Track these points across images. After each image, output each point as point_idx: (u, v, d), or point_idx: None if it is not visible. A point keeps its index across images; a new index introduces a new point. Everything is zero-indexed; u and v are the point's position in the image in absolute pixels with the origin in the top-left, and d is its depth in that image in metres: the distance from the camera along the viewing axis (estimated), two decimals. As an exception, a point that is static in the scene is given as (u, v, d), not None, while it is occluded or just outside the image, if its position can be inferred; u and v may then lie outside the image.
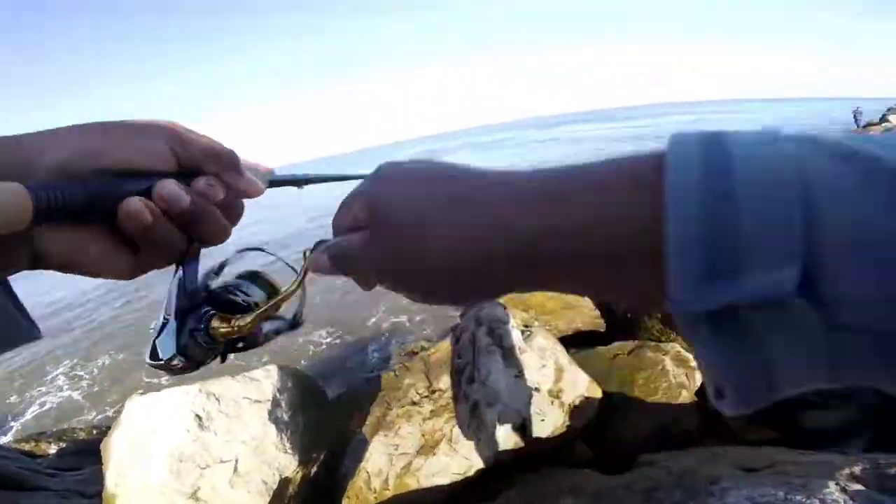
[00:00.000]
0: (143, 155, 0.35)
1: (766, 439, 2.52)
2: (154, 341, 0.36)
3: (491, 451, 2.30)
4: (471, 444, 2.33)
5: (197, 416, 2.54)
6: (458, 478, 2.29)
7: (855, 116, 19.98)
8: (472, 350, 2.54)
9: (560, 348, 2.69)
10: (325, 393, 3.17)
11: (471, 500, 2.25)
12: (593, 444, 2.64)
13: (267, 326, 0.42)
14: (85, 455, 3.93)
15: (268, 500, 2.38)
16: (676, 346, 3.11)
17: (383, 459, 2.41)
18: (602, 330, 4.11)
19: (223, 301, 0.39)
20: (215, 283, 0.41)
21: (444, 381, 2.54)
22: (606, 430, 2.70)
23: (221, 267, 0.42)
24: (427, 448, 2.38)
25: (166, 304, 0.37)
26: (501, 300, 4.24)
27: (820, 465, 1.75)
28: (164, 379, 7.58)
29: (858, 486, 1.52)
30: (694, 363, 2.95)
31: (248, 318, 0.38)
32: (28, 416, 7.38)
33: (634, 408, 2.80)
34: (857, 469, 1.66)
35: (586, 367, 2.93)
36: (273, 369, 2.82)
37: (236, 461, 2.43)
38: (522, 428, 2.37)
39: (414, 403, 2.53)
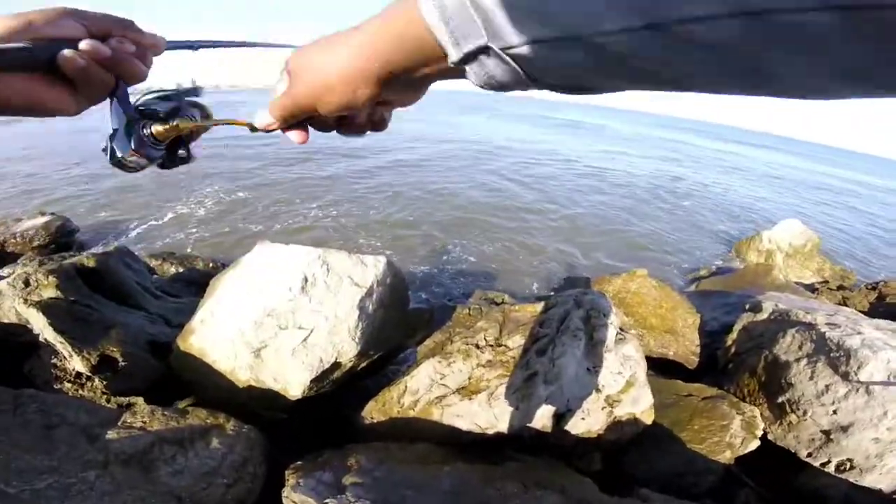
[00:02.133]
0: (62, 29, 0.45)
1: None
2: (111, 144, 0.48)
3: (521, 423, 2.30)
4: (507, 408, 2.33)
5: (305, 277, 2.59)
6: (478, 430, 2.32)
7: None
8: (558, 326, 2.47)
9: (643, 365, 2.50)
10: (409, 300, 3.26)
11: (477, 455, 2.27)
12: (611, 460, 2.56)
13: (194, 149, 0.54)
14: (194, 286, 4.23)
15: (313, 376, 2.46)
16: (756, 412, 2.82)
17: (425, 382, 2.49)
18: (691, 367, 3.76)
19: (160, 112, 0.50)
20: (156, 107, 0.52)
21: (515, 341, 2.53)
22: (631, 453, 2.61)
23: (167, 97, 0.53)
24: (468, 391, 2.42)
25: (110, 122, 0.48)
26: (608, 296, 4.03)
27: None
28: (303, 231, 8.63)
29: None
30: (760, 432, 2.71)
31: (188, 123, 0.50)
32: (166, 233, 8.29)
33: (670, 447, 2.67)
34: None
35: (655, 393, 2.73)
36: (382, 261, 2.82)
37: (311, 332, 2.49)
38: (561, 416, 2.33)
39: (478, 346, 2.57)
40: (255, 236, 7.95)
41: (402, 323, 3.06)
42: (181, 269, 5.13)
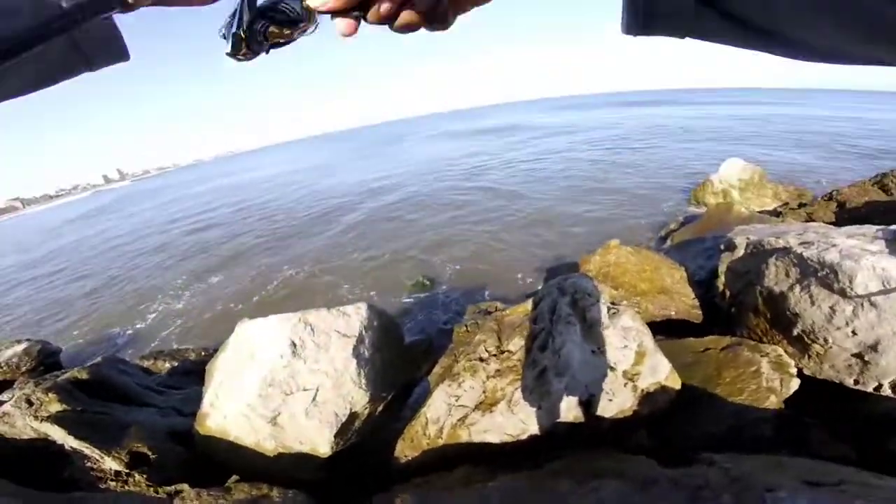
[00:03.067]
0: None
1: (844, 456, 2.23)
2: (232, 36, 0.50)
3: (549, 420, 2.24)
4: (529, 409, 2.29)
5: (293, 342, 2.69)
6: (510, 439, 2.27)
7: None
8: (550, 318, 2.44)
9: (647, 331, 2.48)
10: (403, 336, 3.26)
11: (518, 463, 2.22)
12: (657, 433, 2.48)
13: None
14: (192, 375, 4.44)
15: (334, 431, 2.51)
16: (779, 350, 2.77)
17: (443, 408, 2.45)
18: (698, 321, 3.74)
19: (276, 16, 0.52)
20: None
21: (515, 344, 2.49)
22: (675, 421, 2.53)
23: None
24: (486, 405, 2.38)
25: (238, 15, 0.50)
26: (592, 274, 4.04)
27: (890, 491, 1.56)
28: (277, 301, 8.47)
29: None
30: (793, 369, 2.63)
31: (296, 32, 0.52)
32: (152, 334, 8.41)
33: (711, 404, 2.60)
34: None
35: (672, 357, 2.70)
36: (363, 307, 2.90)
37: (317, 391, 2.58)
38: (588, 403, 2.27)
39: (481, 360, 2.52)
40: (238, 314, 7.89)
41: (404, 359, 3.05)
42: (175, 364, 5.34)
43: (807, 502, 1.46)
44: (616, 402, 2.29)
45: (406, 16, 0.48)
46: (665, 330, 3.56)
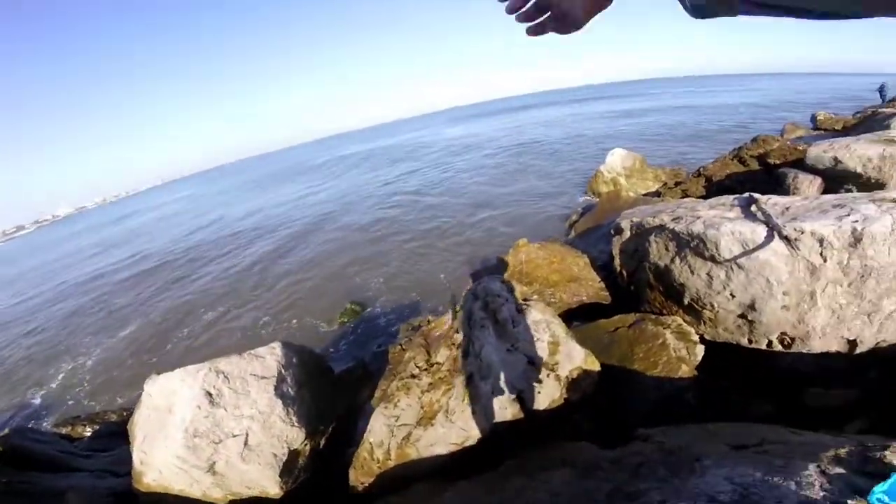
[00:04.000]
0: None
1: (766, 414, 2.49)
2: None
3: (487, 422, 2.32)
4: (467, 416, 2.36)
5: (208, 392, 2.66)
6: (456, 448, 2.32)
7: (881, 92, 19.03)
8: (468, 324, 2.55)
9: (556, 321, 2.67)
10: (331, 368, 3.23)
11: (471, 468, 2.28)
12: (593, 417, 2.63)
13: None
14: (117, 436, 4.23)
15: (278, 471, 2.50)
16: (678, 320, 3.05)
17: (384, 431, 2.46)
18: (607, 302, 4.05)
19: None
20: None
21: (443, 355, 2.56)
22: (606, 402, 2.69)
23: None
24: (426, 419, 2.42)
25: None
26: (506, 275, 4.24)
27: (807, 446, 1.75)
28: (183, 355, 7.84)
29: (840, 469, 1.51)
30: (695, 337, 2.94)
31: None
32: (63, 399, 7.65)
33: (634, 381, 2.77)
34: (843, 451, 1.64)
35: (587, 340, 2.90)
36: (277, 346, 2.90)
37: (246, 435, 2.55)
38: (521, 400, 2.38)
39: (413, 376, 2.56)
40: (153, 366, 7.46)
41: (336, 388, 3.03)
42: (96, 427, 5.14)
43: (730, 466, 1.61)
44: (545, 393, 2.42)
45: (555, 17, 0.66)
46: (580, 315, 3.83)
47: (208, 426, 2.55)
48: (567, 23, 0.65)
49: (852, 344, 2.64)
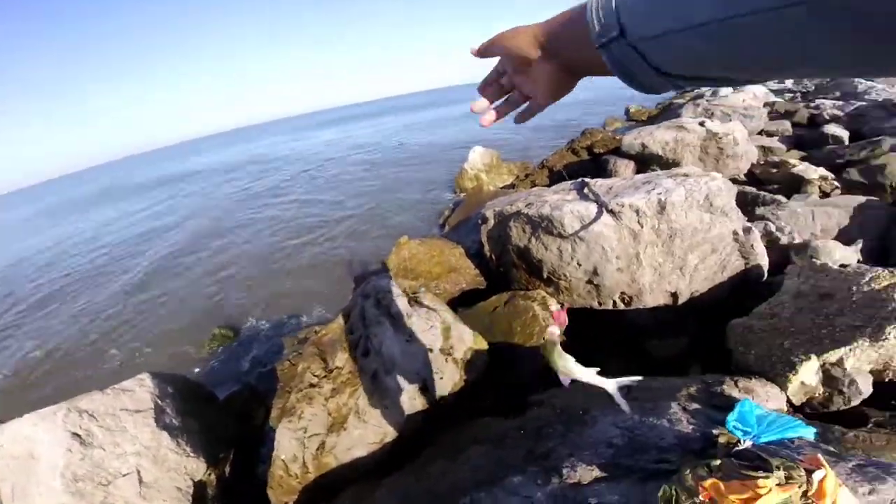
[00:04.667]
0: None
1: (626, 367, 2.88)
2: None
3: (401, 415, 2.44)
4: (380, 414, 2.44)
5: (75, 434, 2.36)
6: (376, 447, 2.40)
7: None
8: (362, 324, 2.64)
9: (444, 307, 2.91)
10: (214, 393, 3.03)
11: (395, 463, 2.37)
12: (492, 393, 2.86)
13: None
14: None
15: None
16: (542, 293, 3.53)
17: (293, 445, 2.42)
18: (483, 287, 4.44)
19: None
20: None
21: (341, 358, 2.61)
22: (500, 377, 2.96)
23: None
24: (337, 425, 2.44)
25: None
26: (391, 272, 4.39)
27: (665, 390, 2.14)
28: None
29: (696, 405, 1.93)
30: (556, 305, 3.44)
31: None
32: None
33: (518, 354, 3.10)
34: (693, 390, 2.10)
35: (473, 323, 3.16)
36: (146, 377, 2.67)
37: (138, 472, 2.33)
38: (425, 389, 2.53)
39: (312, 385, 2.56)
40: (10, 412, 5.89)
41: (224, 414, 2.87)
42: None
43: (613, 414, 1.92)
44: (447, 377, 2.61)
45: (523, 89, 0.72)
46: (464, 302, 4.13)
47: (88, 468, 2.28)
48: (531, 109, 0.74)
49: (674, 296, 3.33)
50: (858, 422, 2.17)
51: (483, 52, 0.69)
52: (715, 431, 1.63)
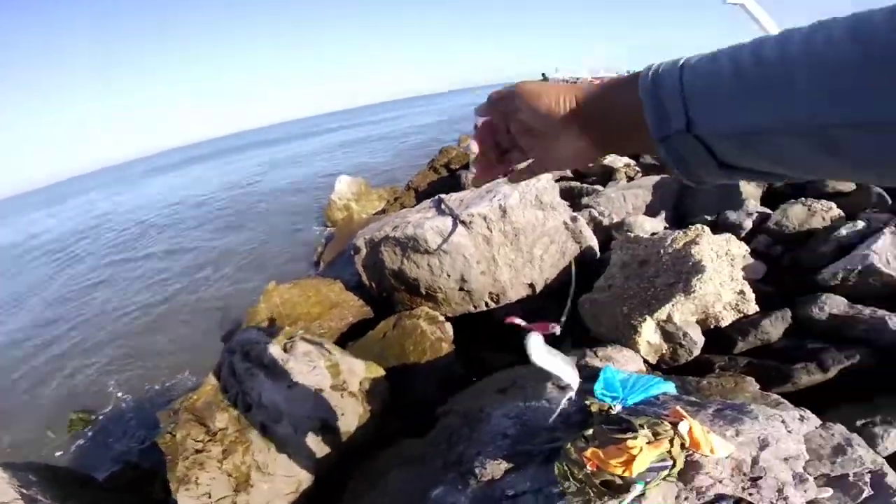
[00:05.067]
0: None
1: (510, 362, 3.01)
2: None
3: (309, 459, 2.38)
4: (286, 463, 2.36)
5: None
6: (294, 496, 2.33)
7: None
8: (234, 380, 2.54)
9: (328, 344, 2.92)
10: (91, 476, 2.66)
11: (320, 501, 2.32)
12: (400, 415, 2.91)
13: None
14: None
15: None
16: (425, 308, 3.71)
17: (200, 513, 2.22)
18: (371, 316, 4.39)
19: None
20: None
21: (222, 419, 2.47)
22: (403, 398, 3.01)
23: None
24: (242, 484, 2.32)
25: None
26: (264, 321, 4.21)
27: (539, 374, 2.16)
28: None
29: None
30: (441, 317, 3.59)
31: None
32: None
33: (415, 372, 3.20)
34: None
35: (365, 353, 3.17)
36: None
37: None
38: (327, 429, 2.49)
39: (198, 451, 2.39)
40: None
41: (108, 496, 2.63)
42: None
43: (502, 406, 2.01)
44: (349, 412, 2.59)
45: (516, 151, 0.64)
46: (355, 334, 4.07)
47: None
48: (532, 172, 0.65)
49: (532, 287, 3.76)
50: (707, 369, 2.42)
51: (495, 103, 0.60)
52: (587, 402, 1.72)
